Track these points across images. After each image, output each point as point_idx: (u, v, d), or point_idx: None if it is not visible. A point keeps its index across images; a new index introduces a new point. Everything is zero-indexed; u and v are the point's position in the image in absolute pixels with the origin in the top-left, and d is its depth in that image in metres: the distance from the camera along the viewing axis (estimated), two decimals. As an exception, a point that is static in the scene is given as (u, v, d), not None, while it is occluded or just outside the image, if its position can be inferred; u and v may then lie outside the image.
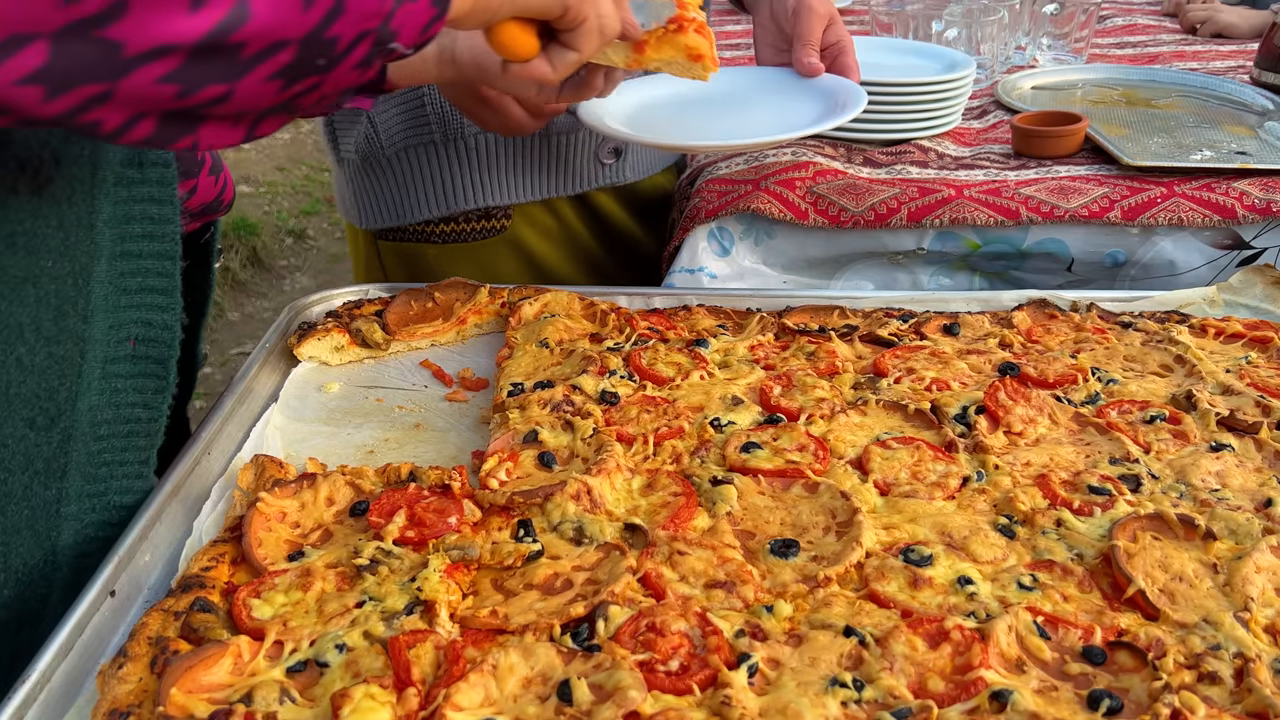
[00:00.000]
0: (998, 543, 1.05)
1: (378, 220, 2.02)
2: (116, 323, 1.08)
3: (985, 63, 2.56)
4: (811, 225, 1.89)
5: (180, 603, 0.95)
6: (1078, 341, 1.45)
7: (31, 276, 0.97)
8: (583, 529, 1.06)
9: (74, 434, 1.05)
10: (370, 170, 1.98)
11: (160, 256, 1.09)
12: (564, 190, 2.05)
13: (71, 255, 1.00)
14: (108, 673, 0.89)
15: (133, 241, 1.06)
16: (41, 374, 1.00)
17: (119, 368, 1.09)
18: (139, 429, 1.13)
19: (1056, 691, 0.87)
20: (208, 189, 1.20)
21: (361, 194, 2.03)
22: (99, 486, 1.10)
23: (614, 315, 1.52)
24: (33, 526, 1.05)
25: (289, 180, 6.60)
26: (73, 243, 1.00)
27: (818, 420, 1.26)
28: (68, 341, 1.02)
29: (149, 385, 1.13)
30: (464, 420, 1.36)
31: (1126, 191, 1.84)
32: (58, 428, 1.04)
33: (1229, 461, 1.18)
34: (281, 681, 0.86)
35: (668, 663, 0.88)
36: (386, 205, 2.00)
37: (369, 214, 2.03)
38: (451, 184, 1.96)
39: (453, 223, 2.00)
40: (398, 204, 1.99)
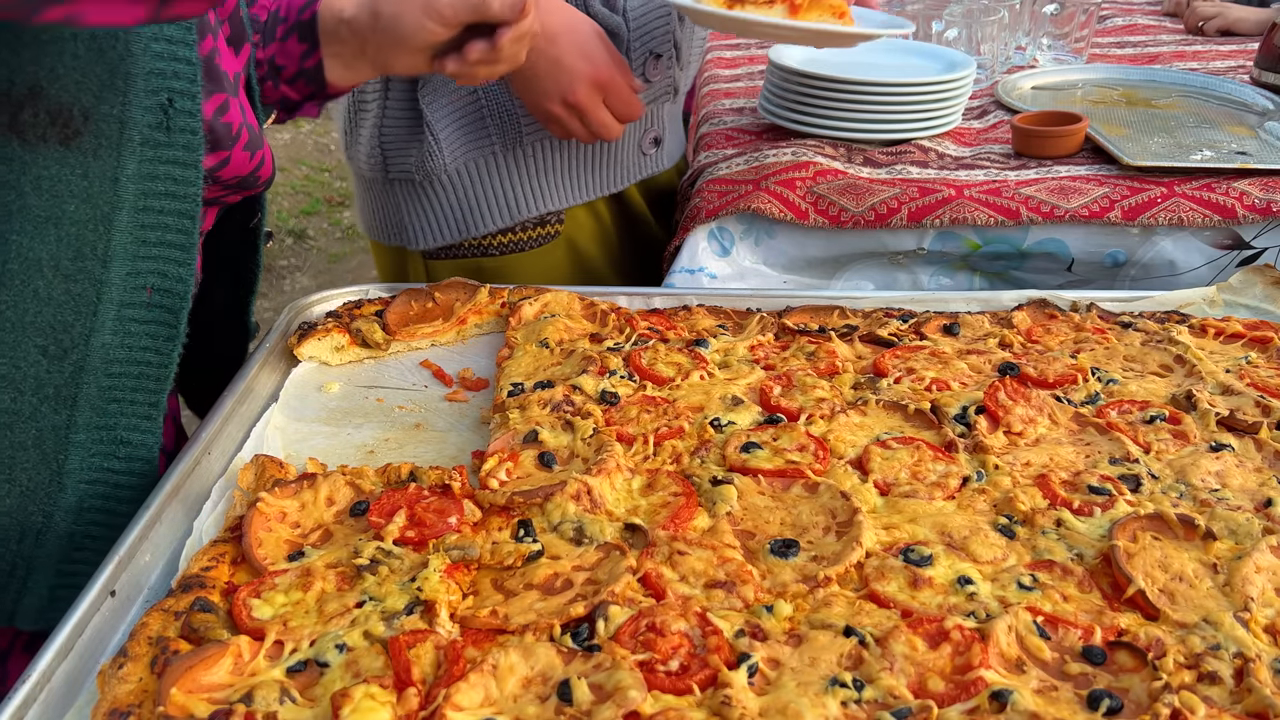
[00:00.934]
0: (998, 543, 1.05)
1: (436, 239, 2.00)
2: (135, 270, 1.14)
3: (985, 63, 2.56)
4: (812, 225, 1.89)
5: (180, 603, 0.95)
6: (1078, 341, 1.45)
7: (54, 217, 1.06)
8: (583, 529, 1.06)
9: (86, 367, 1.13)
10: (428, 189, 1.95)
11: (180, 215, 1.15)
12: (612, 186, 2.08)
13: (94, 203, 1.08)
14: (108, 672, 0.89)
15: (155, 199, 1.13)
16: (58, 307, 1.09)
17: (134, 313, 1.16)
18: (149, 372, 1.19)
19: (1056, 691, 0.87)
20: (241, 163, 1.23)
21: (417, 215, 2.00)
22: (108, 420, 1.18)
23: (614, 315, 1.52)
24: (40, 446, 1.14)
25: (289, 180, 6.60)
26: (95, 192, 1.08)
27: (818, 420, 1.26)
28: (84, 281, 1.10)
29: (161, 333, 1.19)
30: (464, 420, 1.36)
31: (1126, 191, 1.84)
32: (70, 359, 1.12)
33: (1229, 461, 1.18)
34: (282, 681, 0.86)
35: (668, 663, 0.88)
36: (447, 222, 1.98)
37: (426, 234, 2.00)
38: (513, 192, 1.96)
39: (510, 233, 2.01)
40: (460, 219, 1.97)
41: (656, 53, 1.96)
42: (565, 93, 1.68)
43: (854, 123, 2.10)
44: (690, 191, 2.09)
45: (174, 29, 1.08)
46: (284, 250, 5.80)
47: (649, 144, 2.11)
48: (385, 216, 2.05)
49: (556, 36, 1.65)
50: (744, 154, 2.09)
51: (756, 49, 2.91)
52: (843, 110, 2.10)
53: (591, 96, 1.69)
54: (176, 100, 1.09)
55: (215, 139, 1.18)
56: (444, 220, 1.98)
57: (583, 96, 1.68)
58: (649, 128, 2.08)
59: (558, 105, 1.69)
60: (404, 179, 1.96)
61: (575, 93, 1.68)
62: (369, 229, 2.12)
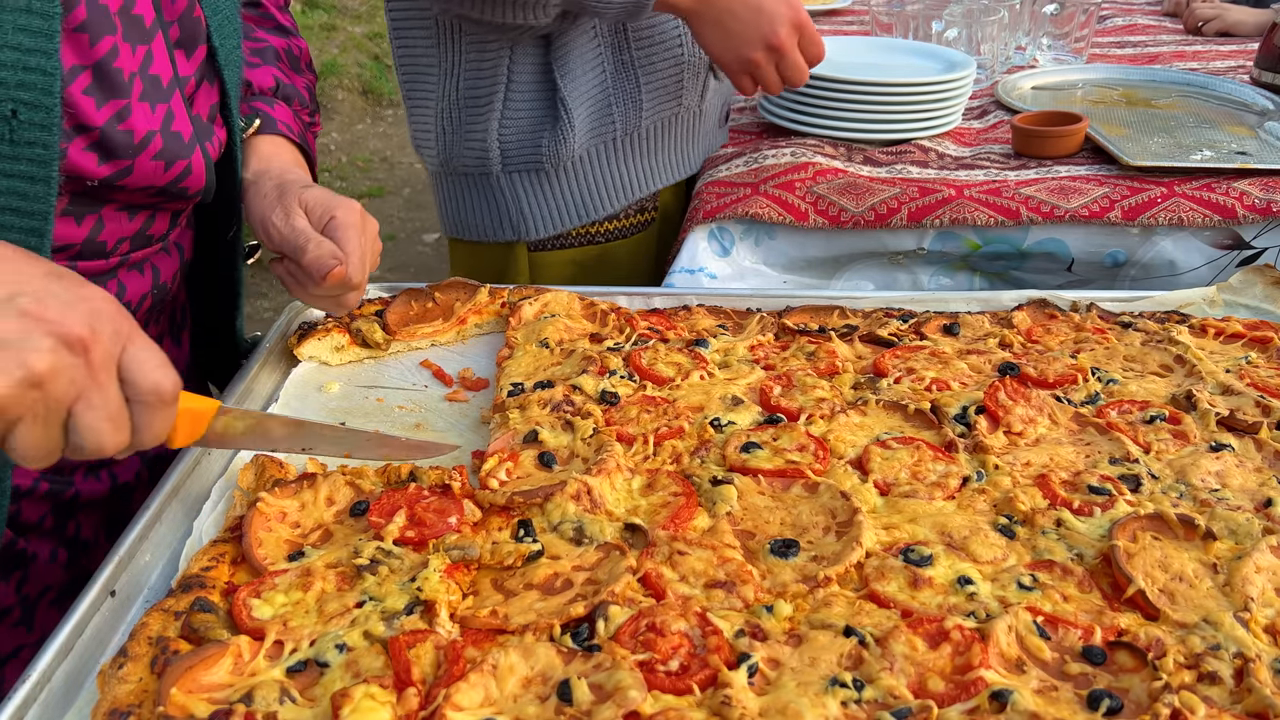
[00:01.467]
0: (998, 543, 1.05)
1: (552, 227, 2.05)
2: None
3: (985, 63, 2.56)
4: (811, 226, 1.89)
5: (181, 603, 0.95)
6: (1078, 341, 1.45)
7: None
8: (583, 529, 1.06)
9: None
10: (550, 177, 2.01)
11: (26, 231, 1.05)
12: (699, 162, 2.19)
13: None
14: (108, 672, 0.89)
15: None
16: None
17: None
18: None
19: (1056, 691, 0.87)
20: (152, 173, 1.16)
21: (535, 205, 2.04)
22: None
23: (614, 315, 1.52)
24: None
25: (289, 180, 6.60)
26: None
27: (818, 420, 1.26)
28: None
29: None
30: (464, 420, 1.36)
31: (1126, 191, 1.84)
32: None
33: (1229, 461, 1.18)
34: (281, 681, 0.86)
35: (668, 663, 0.88)
36: (566, 209, 2.03)
37: (543, 223, 2.05)
38: (628, 175, 2.04)
39: (616, 220, 2.10)
40: (579, 206, 2.03)
41: None
42: (768, 36, 1.72)
43: (854, 123, 2.10)
44: (692, 192, 2.09)
45: (27, 36, 0.99)
46: (284, 250, 5.80)
47: (723, 117, 2.21)
48: (496, 212, 2.07)
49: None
50: (743, 154, 2.09)
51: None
52: (843, 110, 2.10)
53: (791, 36, 1.74)
54: (22, 111, 1.01)
55: (110, 147, 1.11)
56: (563, 207, 2.04)
57: (785, 37, 1.72)
58: (729, 100, 2.22)
59: (760, 50, 1.73)
60: (526, 169, 2.00)
61: (778, 35, 1.72)
62: (465, 229, 2.13)
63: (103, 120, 1.09)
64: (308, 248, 1.25)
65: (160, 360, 0.92)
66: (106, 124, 1.09)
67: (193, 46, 1.24)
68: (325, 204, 1.29)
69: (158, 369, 0.91)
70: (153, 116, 1.15)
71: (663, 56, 1.99)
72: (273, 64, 1.49)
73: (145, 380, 0.90)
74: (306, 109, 1.53)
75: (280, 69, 1.49)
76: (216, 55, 1.29)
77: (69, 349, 0.83)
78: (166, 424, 0.94)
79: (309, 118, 1.54)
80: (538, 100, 1.95)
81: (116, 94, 1.10)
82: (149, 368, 0.90)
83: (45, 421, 0.85)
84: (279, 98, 1.48)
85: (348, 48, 8.32)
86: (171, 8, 1.19)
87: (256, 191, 1.34)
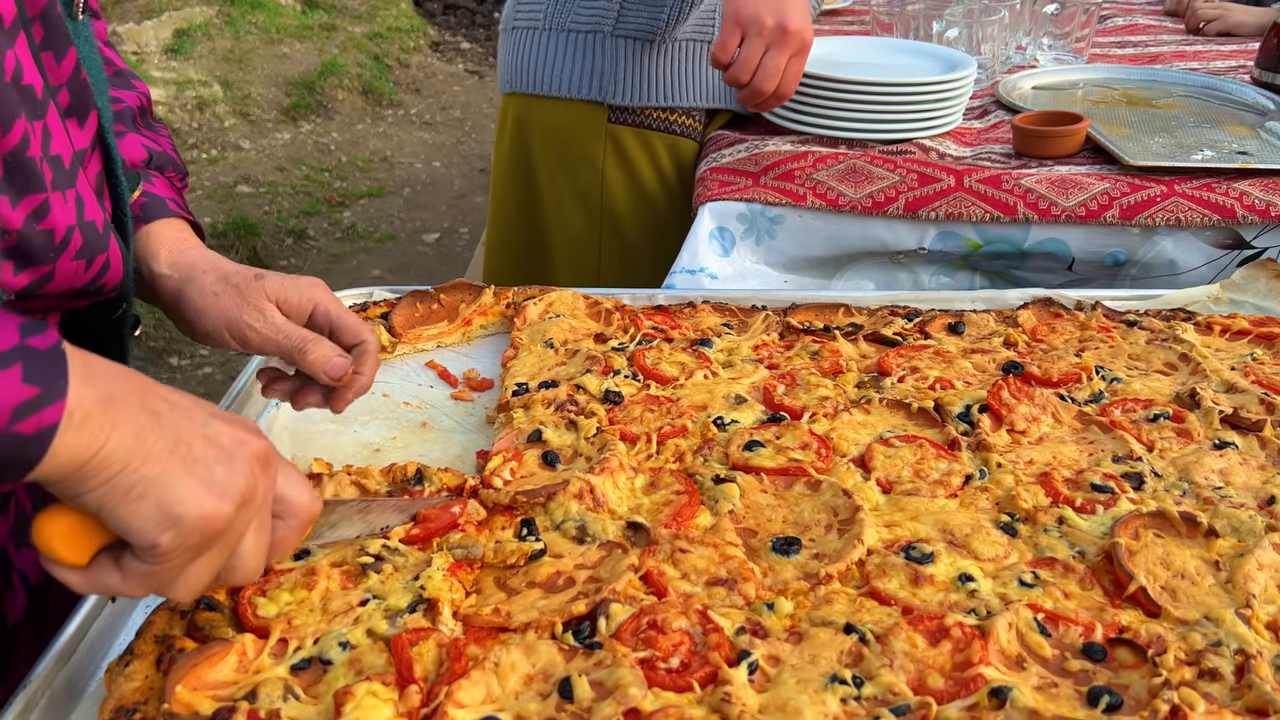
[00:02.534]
0: (999, 540, 1.05)
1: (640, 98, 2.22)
2: None
3: (986, 63, 2.56)
4: (809, 207, 1.90)
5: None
6: (1082, 340, 1.45)
7: None
8: (585, 527, 1.07)
9: None
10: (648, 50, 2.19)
11: None
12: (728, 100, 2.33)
13: None
14: (115, 670, 0.89)
15: None
16: None
17: None
18: None
19: (1056, 688, 0.87)
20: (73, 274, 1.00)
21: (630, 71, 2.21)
22: None
23: (618, 314, 1.52)
24: None
25: (289, 180, 6.60)
26: None
27: (821, 419, 1.26)
28: None
29: None
30: (469, 419, 1.36)
31: (1127, 190, 1.84)
32: None
33: (1232, 459, 1.18)
34: (285, 679, 0.87)
35: (668, 660, 0.89)
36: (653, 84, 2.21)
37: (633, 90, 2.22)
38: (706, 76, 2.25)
39: (688, 116, 2.27)
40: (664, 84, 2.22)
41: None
42: (788, 16, 1.78)
43: (854, 123, 2.10)
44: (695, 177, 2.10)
45: None
46: (284, 250, 5.81)
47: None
48: (591, 69, 2.24)
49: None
50: (745, 140, 2.12)
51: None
52: (843, 110, 2.10)
53: (796, 39, 1.80)
54: None
55: (29, 252, 0.94)
56: (652, 81, 2.21)
57: (795, 30, 1.78)
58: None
59: (772, 19, 1.78)
60: (631, 36, 2.18)
61: (795, 21, 1.78)
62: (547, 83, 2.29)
63: (19, 222, 0.92)
64: (307, 348, 1.16)
65: (306, 481, 0.91)
66: (24, 225, 0.92)
67: (84, 113, 1.05)
68: (296, 293, 1.19)
69: (307, 489, 0.91)
70: (67, 207, 0.97)
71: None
72: (136, 129, 1.28)
73: (301, 498, 0.89)
74: (179, 173, 1.34)
75: (145, 135, 1.29)
76: (102, 118, 1.09)
77: (261, 466, 0.82)
78: (296, 545, 0.93)
79: (180, 182, 1.35)
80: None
81: (31, 187, 0.92)
82: (299, 487, 0.90)
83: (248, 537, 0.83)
84: (154, 169, 1.29)
85: (348, 48, 8.33)
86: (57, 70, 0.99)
87: (198, 291, 1.18)
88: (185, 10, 8.13)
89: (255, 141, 7.16)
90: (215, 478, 0.78)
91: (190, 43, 7.84)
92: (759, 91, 1.85)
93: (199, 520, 0.76)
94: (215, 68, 7.68)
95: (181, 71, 7.49)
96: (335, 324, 1.19)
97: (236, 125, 7.27)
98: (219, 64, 7.73)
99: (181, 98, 7.20)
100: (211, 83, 7.46)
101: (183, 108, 7.15)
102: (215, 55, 7.79)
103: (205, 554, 0.79)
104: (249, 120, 7.37)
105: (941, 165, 1.94)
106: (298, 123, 7.48)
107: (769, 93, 1.84)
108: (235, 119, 7.31)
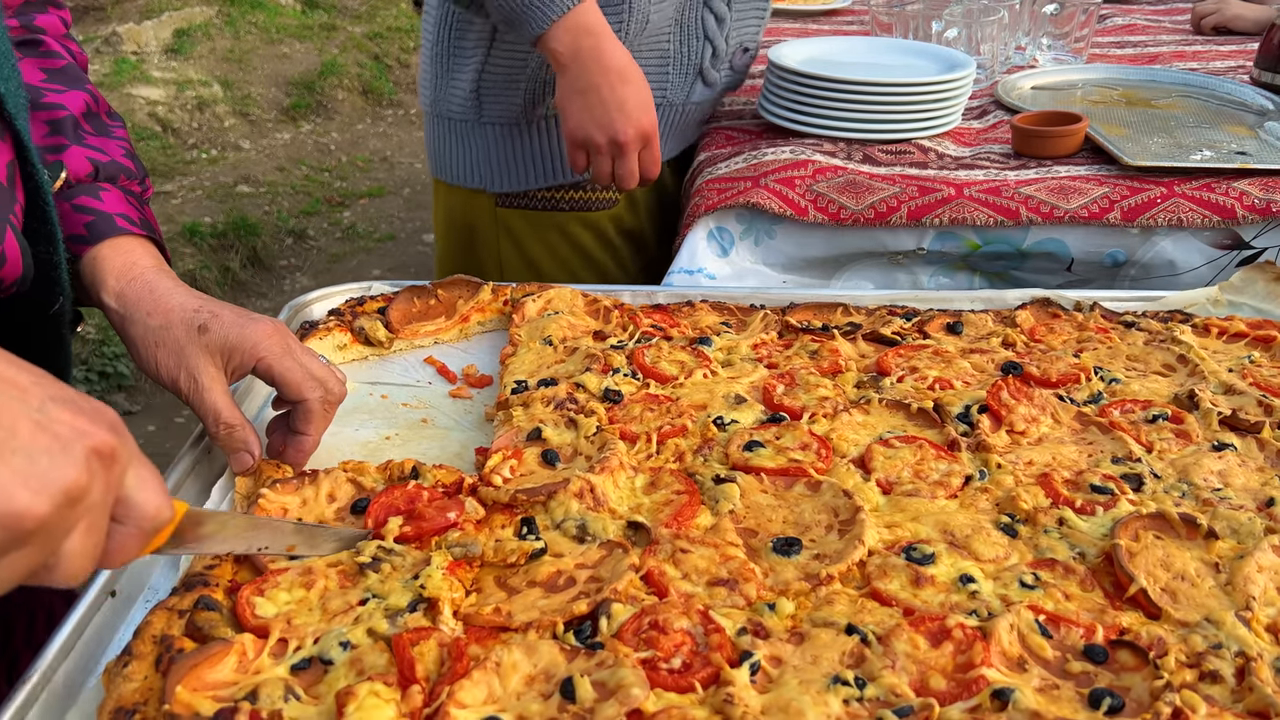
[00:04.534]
0: (1000, 541, 1.05)
1: (518, 183, 2.13)
2: None
3: (985, 63, 2.56)
4: (811, 221, 1.90)
5: (184, 601, 0.95)
6: (1081, 341, 1.45)
7: None
8: (586, 527, 1.06)
9: None
10: (521, 133, 2.08)
11: None
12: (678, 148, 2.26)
13: None
14: (113, 671, 0.89)
15: None
16: None
17: None
18: None
19: (1058, 690, 0.87)
20: None
21: (504, 158, 2.12)
22: None
23: (617, 312, 1.52)
24: None
25: (289, 180, 6.60)
26: None
27: (820, 419, 1.26)
28: None
29: None
30: (468, 417, 1.36)
31: (1126, 191, 1.84)
32: None
33: (1231, 461, 1.18)
34: (286, 679, 0.86)
35: (670, 660, 0.88)
36: (531, 167, 2.11)
37: (509, 177, 2.13)
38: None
39: (580, 190, 2.16)
40: (544, 165, 2.10)
41: (745, 46, 2.16)
42: (618, 131, 1.77)
43: (854, 122, 2.10)
44: (690, 191, 2.09)
45: None
46: (284, 250, 5.80)
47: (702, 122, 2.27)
48: (469, 159, 2.16)
49: (628, 81, 1.76)
50: (742, 152, 2.10)
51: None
52: (843, 110, 2.10)
53: (636, 143, 1.79)
54: None
55: None
56: (529, 164, 2.11)
57: (631, 139, 1.77)
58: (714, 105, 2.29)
59: (604, 138, 1.77)
60: (498, 122, 2.09)
61: (626, 133, 1.77)
62: (442, 170, 2.24)
63: None
64: (218, 434, 1.12)
65: (162, 485, 0.81)
66: None
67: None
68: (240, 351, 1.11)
69: (160, 494, 0.80)
70: None
71: (651, 46, 2.02)
72: (78, 139, 1.21)
73: (149, 504, 0.79)
74: (135, 178, 1.26)
75: (89, 145, 1.22)
76: (5, 103, 1.03)
77: (102, 462, 0.73)
78: (137, 553, 0.82)
79: (139, 186, 1.27)
80: (519, 56, 2.00)
81: None
82: (151, 491, 0.79)
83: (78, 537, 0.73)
84: (102, 181, 1.22)
85: (348, 48, 8.33)
86: None
87: (139, 336, 1.13)
88: (185, 10, 8.12)
89: (255, 141, 7.15)
90: (36, 470, 0.68)
91: (190, 43, 7.83)
92: (623, 189, 1.89)
93: (5, 516, 0.67)
94: (215, 68, 7.68)
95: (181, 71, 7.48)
96: (278, 381, 1.14)
97: (236, 125, 7.27)
98: (219, 64, 7.72)
99: (181, 98, 7.20)
100: (211, 83, 7.46)
101: (183, 108, 7.14)
102: (215, 55, 7.78)
103: (13, 552, 0.70)
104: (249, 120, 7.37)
105: (940, 179, 1.93)
106: (298, 123, 7.48)
107: (632, 188, 1.87)
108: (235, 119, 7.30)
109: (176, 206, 5.95)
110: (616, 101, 1.75)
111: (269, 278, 5.57)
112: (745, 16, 2.14)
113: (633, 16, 1.95)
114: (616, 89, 1.75)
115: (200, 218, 5.78)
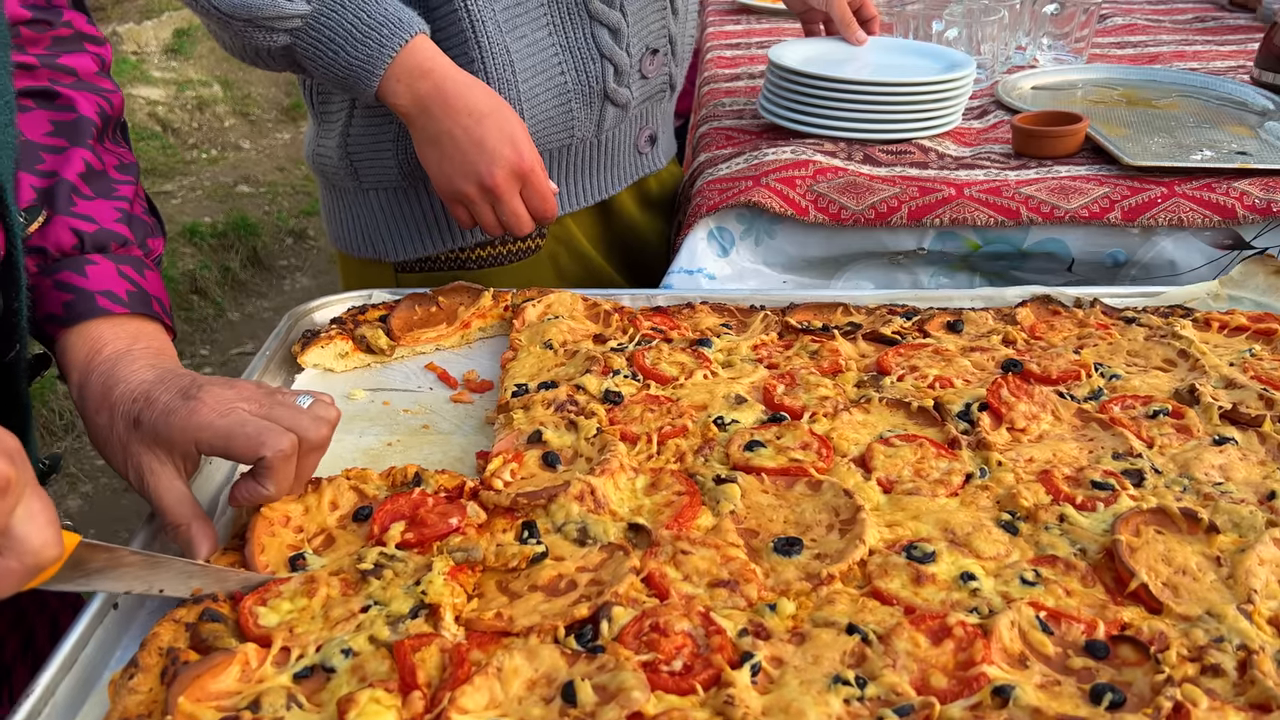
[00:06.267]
0: (1001, 539, 1.05)
1: (412, 250, 1.91)
2: None
3: (985, 63, 2.56)
4: (812, 222, 1.90)
5: (190, 613, 0.95)
6: (1081, 337, 1.45)
7: None
8: (587, 529, 1.07)
9: None
10: (406, 197, 1.86)
11: None
12: (607, 190, 2.01)
13: None
14: (119, 683, 0.89)
15: None
16: None
17: None
18: None
19: (1059, 686, 0.87)
20: None
21: (392, 224, 1.89)
22: None
23: (617, 316, 1.52)
24: None
25: (289, 180, 6.61)
26: None
27: (821, 418, 1.26)
28: None
29: None
30: (469, 421, 1.36)
31: (1127, 192, 1.84)
32: None
33: (1232, 455, 1.18)
34: (288, 687, 0.87)
35: (671, 663, 0.88)
36: (425, 232, 1.89)
37: (401, 245, 1.91)
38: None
39: (490, 246, 1.92)
40: (438, 229, 1.88)
41: (653, 48, 1.92)
42: (484, 175, 1.58)
43: (854, 122, 2.10)
44: (691, 192, 2.09)
45: None
46: (284, 250, 5.81)
47: (645, 142, 2.06)
48: (358, 227, 1.94)
49: (483, 116, 1.57)
50: (743, 153, 2.10)
51: (756, 49, 2.92)
52: (843, 110, 2.10)
53: (510, 183, 1.60)
54: None
55: None
56: (421, 229, 1.88)
57: (501, 180, 1.58)
58: (645, 125, 2.04)
59: (472, 186, 1.60)
60: (379, 186, 1.86)
61: (494, 176, 1.58)
62: (338, 240, 2.01)
63: None
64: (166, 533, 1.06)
65: (53, 519, 0.78)
66: None
67: None
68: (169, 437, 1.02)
69: (48, 528, 0.77)
70: None
71: (539, 82, 1.78)
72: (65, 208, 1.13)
73: (34, 538, 0.76)
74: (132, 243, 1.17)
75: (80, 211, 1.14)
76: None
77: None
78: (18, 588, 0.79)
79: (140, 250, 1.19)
80: (380, 114, 1.77)
81: None
82: (40, 525, 0.76)
83: None
84: (90, 253, 1.13)
85: (348, 51, 8.31)
86: None
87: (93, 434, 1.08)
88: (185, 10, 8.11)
89: (255, 141, 7.16)
90: None
91: (190, 43, 7.84)
92: (518, 236, 1.70)
93: None
94: (215, 68, 7.69)
95: (181, 71, 7.50)
96: (224, 454, 1.05)
97: (236, 125, 7.28)
98: (219, 64, 7.73)
99: (181, 98, 7.21)
100: (211, 83, 7.47)
101: (183, 108, 7.16)
102: (215, 55, 7.79)
103: None
104: (249, 120, 7.38)
105: (941, 179, 1.93)
106: (298, 123, 7.49)
107: (527, 231, 1.67)
108: (235, 119, 7.32)
109: (176, 206, 5.96)
110: (474, 142, 1.57)
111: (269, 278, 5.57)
112: (644, 16, 1.87)
113: (485, 52, 1.70)
114: (471, 130, 1.56)
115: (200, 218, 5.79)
